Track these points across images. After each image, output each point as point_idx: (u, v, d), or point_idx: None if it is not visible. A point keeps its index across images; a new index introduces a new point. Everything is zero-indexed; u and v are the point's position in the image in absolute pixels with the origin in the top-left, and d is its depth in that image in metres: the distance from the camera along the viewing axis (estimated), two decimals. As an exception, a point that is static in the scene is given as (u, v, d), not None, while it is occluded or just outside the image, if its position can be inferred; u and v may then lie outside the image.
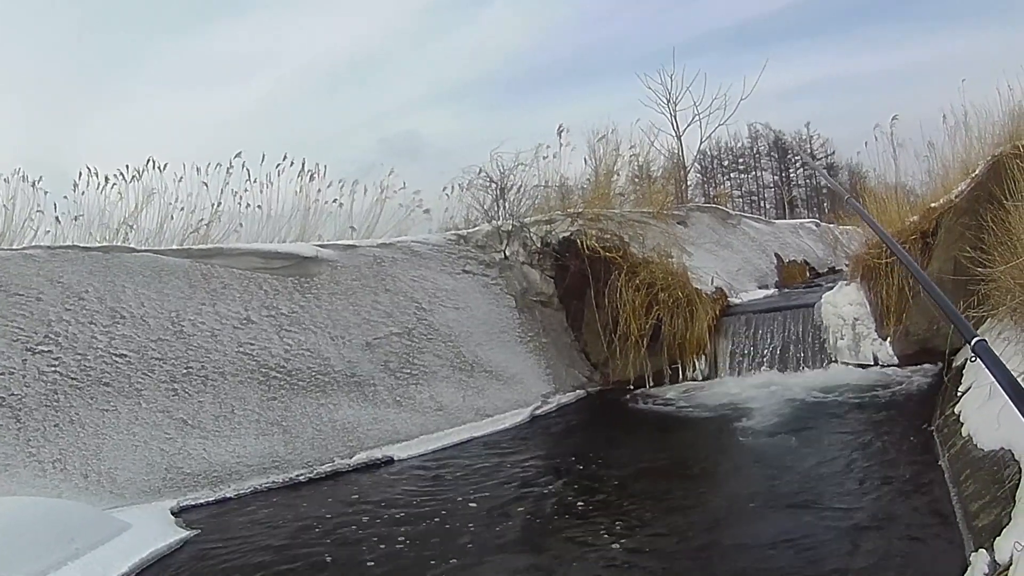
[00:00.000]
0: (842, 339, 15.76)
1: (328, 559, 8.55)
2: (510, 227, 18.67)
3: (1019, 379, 3.02)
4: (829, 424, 12.07)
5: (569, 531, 8.78)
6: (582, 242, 17.90)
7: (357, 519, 9.89)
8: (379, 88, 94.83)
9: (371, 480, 11.98)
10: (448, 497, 10.52)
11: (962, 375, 11.20)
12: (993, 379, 2.14)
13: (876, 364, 15.25)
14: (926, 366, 14.19)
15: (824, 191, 76.42)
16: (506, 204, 19.42)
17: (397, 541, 8.94)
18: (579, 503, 9.81)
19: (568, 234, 18.36)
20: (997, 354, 2.26)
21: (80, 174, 16.29)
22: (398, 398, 14.29)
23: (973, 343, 2.33)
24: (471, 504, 10.02)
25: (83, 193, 16.12)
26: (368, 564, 8.32)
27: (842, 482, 9.27)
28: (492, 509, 9.80)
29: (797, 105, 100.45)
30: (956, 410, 9.83)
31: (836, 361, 15.63)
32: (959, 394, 10.35)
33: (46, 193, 15.56)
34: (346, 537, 9.25)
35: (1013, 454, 7.05)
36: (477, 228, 19.29)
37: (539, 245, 18.62)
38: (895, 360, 15.12)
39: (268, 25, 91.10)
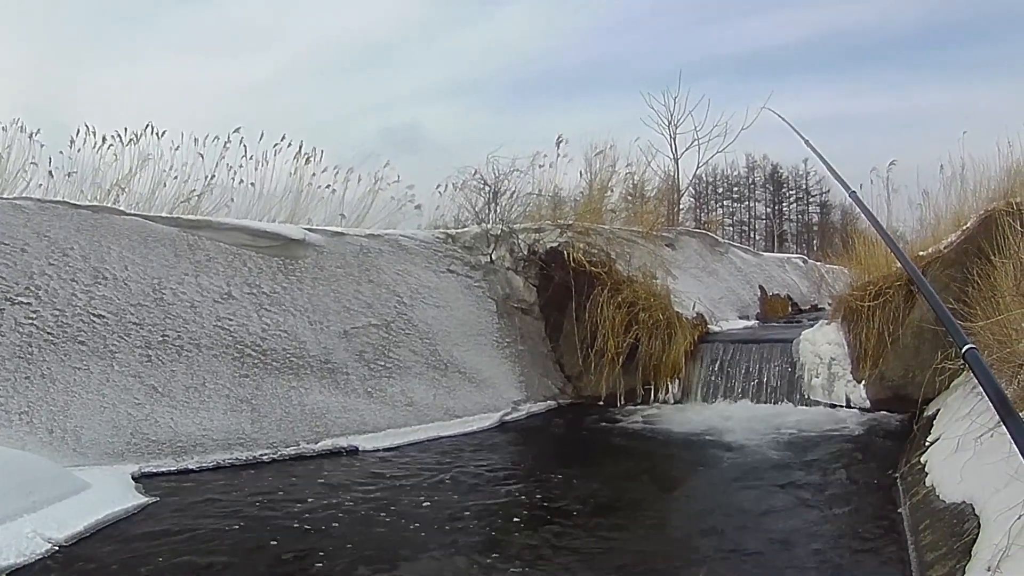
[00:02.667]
0: (817, 377, 15.78)
1: (275, 542, 8.57)
2: (499, 231, 18.74)
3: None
4: (794, 462, 12.03)
5: (518, 541, 8.77)
6: (569, 254, 17.97)
7: (313, 506, 9.92)
8: (385, 76, 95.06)
9: (333, 468, 12.00)
10: (405, 494, 10.54)
11: (932, 425, 11.24)
12: (981, 389, 2.18)
13: (848, 406, 15.27)
14: (897, 413, 14.17)
15: (815, 228, 76.71)
16: (497, 208, 19.61)
17: (346, 532, 8.97)
18: (534, 513, 9.85)
19: (556, 244, 18.43)
20: (986, 365, 2.29)
21: (78, 131, 16.31)
22: (369, 389, 14.33)
23: (964, 351, 2.35)
24: (425, 504, 10.00)
25: (79, 150, 16.14)
26: (312, 550, 8.33)
27: (799, 522, 9.20)
28: (445, 511, 9.78)
29: (796, 139, 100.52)
30: (922, 459, 9.84)
31: (809, 399, 15.65)
32: (927, 444, 10.37)
33: (42, 146, 15.56)
34: (298, 522, 9.26)
35: (974, 508, 7.07)
36: (466, 229, 19.36)
37: (526, 252, 18.68)
38: (867, 404, 15.15)
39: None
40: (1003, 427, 2.65)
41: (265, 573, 7.77)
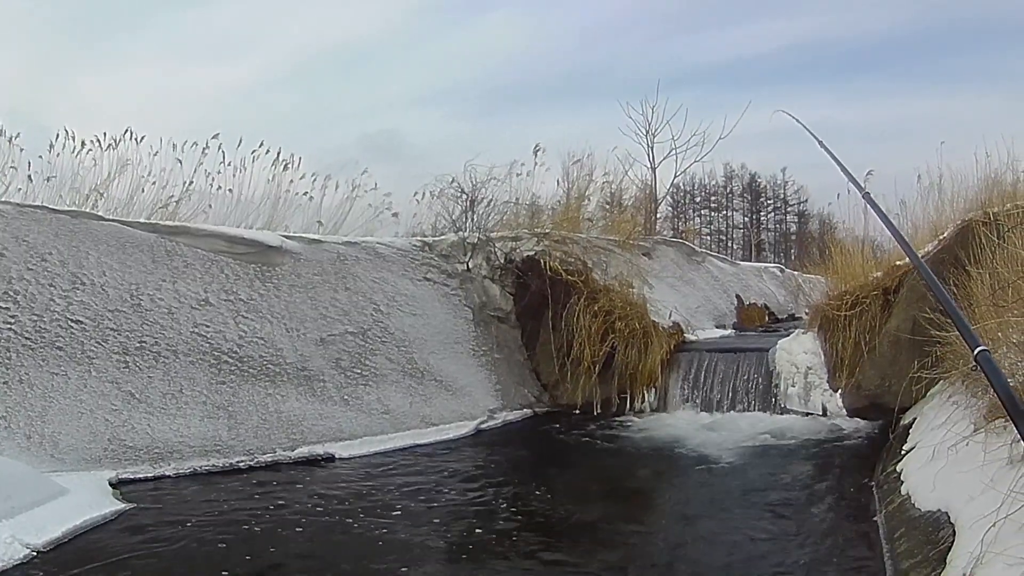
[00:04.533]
0: (793, 386, 15.84)
1: (250, 549, 8.61)
2: (476, 240, 18.76)
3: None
4: (771, 469, 12.10)
5: (489, 550, 8.83)
6: (545, 263, 18.03)
7: (288, 513, 9.98)
8: (364, 84, 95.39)
9: (309, 475, 12.06)
10: (380, 502, 10.59)
11: (908, 434, 11.30)
12: (992, 389, 2.18)
13: (824, 415, 15.36)
14: (874, 422, 14.25)
15: (792, 237, 76.86)
16: (475, 216, 19.53)
17: (320, 539, 9.04)
18: (509, 522, 9.90)
19: (532, 253, 18.50)
20: (996, 365, 2.31)
21: (57, 135, 16.40)
22: (346, 397, 14.37)
23: (976, 353, 2.37)
24: (397, 512, 10.04)
25: (58, 155, 16.22)
26: (286, 558, 8.40)
27: (773, 530, 9.27)
28: (418, 519, 9.84)
29: (775, 149, 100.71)
30: (898, 468, 9.89)
31: (785, 408, 15.71)
32: (903, 452, 10.42)
33: (22, 150, 15.62)
34: (273, 529, 9.32)
35: (949, 517, 7.12)
36: (443, 237, 19.35)
37: (502, 261, 18.71)
38: (843, 412, 15.24)
39: (267, 4, 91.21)
40: (979, 436, 2.72)
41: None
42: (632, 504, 10.98)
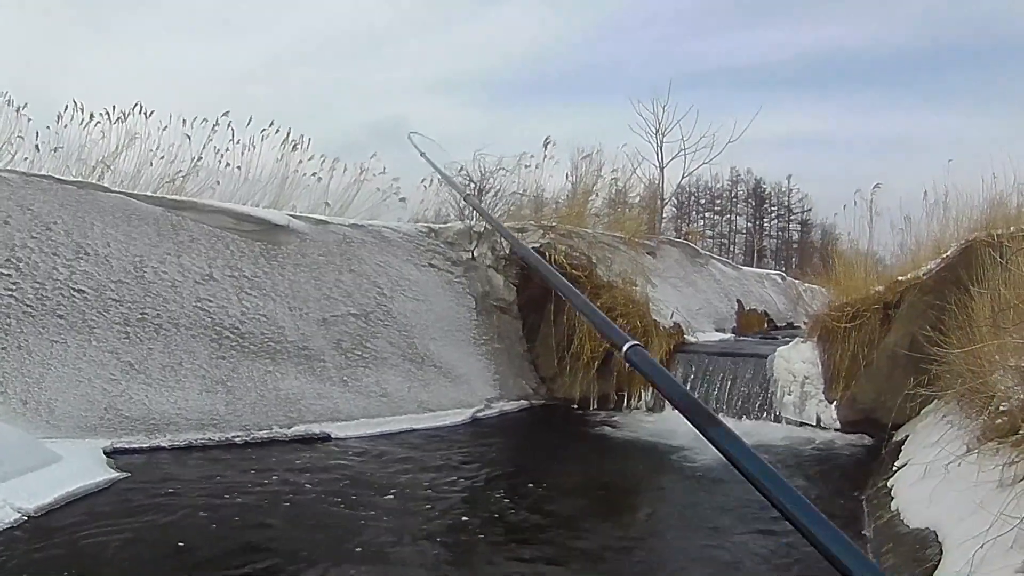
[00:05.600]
0: (789, 395, 15.74)
1: (240, 523, 8.65)
2: (482, 229, 18.72)
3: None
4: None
5: (478, 537, 8.82)
6: (550, 255, 17.86)
7: (280, 489, 10.01)
8: (376, 69, 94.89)
9: (304, 453, 12.07)
10: (372, 483, 10.59)
11: (900, 450, 11.26)
12: (648, 380, 2.11)
13: (818, 425, 15.26)
14: (866, 436, 14.15)
15: (794, 246, 76.74)
16: (482, 205, 19.27)
17: (309, 517, 9.05)
18: (498, 511, 9.85)
19: (538, 245, 18.28)
20: (647, 354, 2.24)
21: (66, 107, 16.36)
22: (345, 378, 14.39)
23: (624, 349, 2.29)
24: (389, 495, 10.05)
25: (66, 126, 16.20)
26: (274, 534, 8.43)
27: (759, 538, 9.13)
28: (409, 503, 9.86)
29: (782, 156, 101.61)
30: (889, 483, 9.85)
31: (780, 416, 15.64)
32: (894, 469, 10.37)
33: (29, 120, 15.62)
34: (263, 505, 9.35)
35: (937, 535, 7.11)
36: (449, 224, 19.43)
37: (507, 251, 18.65)
38: (837, 424, 15.13)
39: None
40: (971, 456, 2.67)
41: (228, 553, 7.82)
42: (620, 505, 10.93)
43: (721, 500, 10.46)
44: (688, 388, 12.95)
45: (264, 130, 18.26)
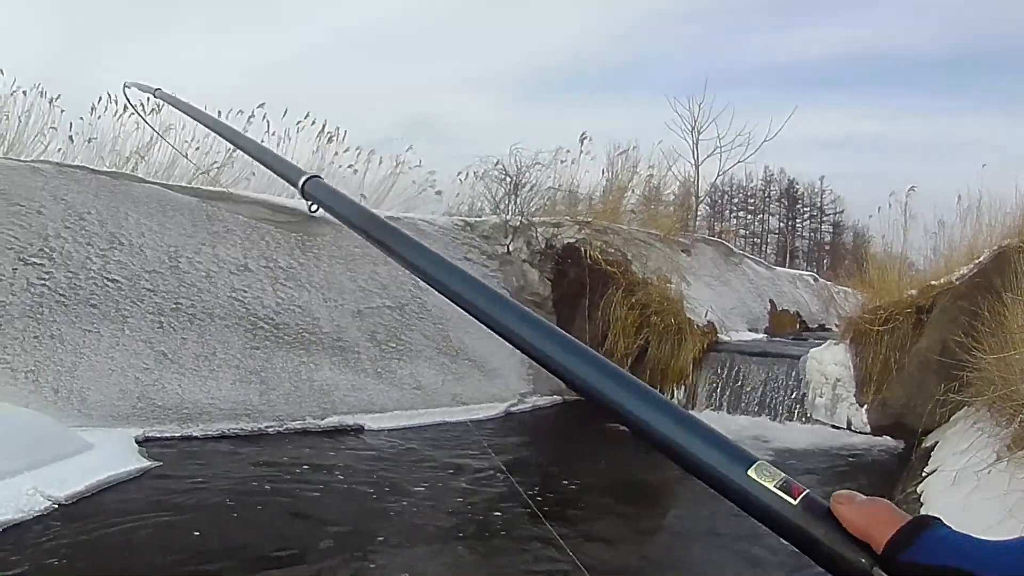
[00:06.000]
0: (821, 397, 15.52)
1: (271, 513, 8.67)
2: (518, 223, 18.68)
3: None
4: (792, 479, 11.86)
5: (507, 534, 8.72)
6: (586, 251, 17.89)
7: (312, 480, 9.98)
8: (413, 63, 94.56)
9: (337, 444, 12.04)
10: (404, 475, 10.57)
11: (930, 456, 11.13)
12: (332, 213, 1.89)
13: (849, 428, 15.07)
14: (897, 440, 14.01)
15: (826, 247, 76.39)
16: (517, 200, 19.41)
17: (340, 509, 9.04)
18: (523, 508, 9.57)
19: (573, 241, 18.39)
20: (329, 185, 2.04)
21: (100, 99, 16.45)
22: (379, 370, 14.35)
23: (301, 183, 2.04)
24: (418, 487, 10.03)
25: (99, 117, 16.35)
26: (304, 525, 8.41)
27: (785, 542, 9.07)
28: (439, 497, 9.84)
29: (816, 156, 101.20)
30: (919, 489, 9.74)
31: (811, 418, 15.46)
32: (923, 474, 10.26)
33: (62, 111, 15.73)
34: (294, 495, 9.34)
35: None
36: (485, 218, 19.36)
37: (543, 246, 18.65)
38: (867, 428, 14.94)
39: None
40: (1002, 464, 2.50)
41: (257, 542, 7.82)
42: (649, 504, 10.90)
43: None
44: (720, 388, 12.88)
45: (300, 122, 18.39)
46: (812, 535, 1.05)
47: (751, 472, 1.11)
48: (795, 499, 1.07)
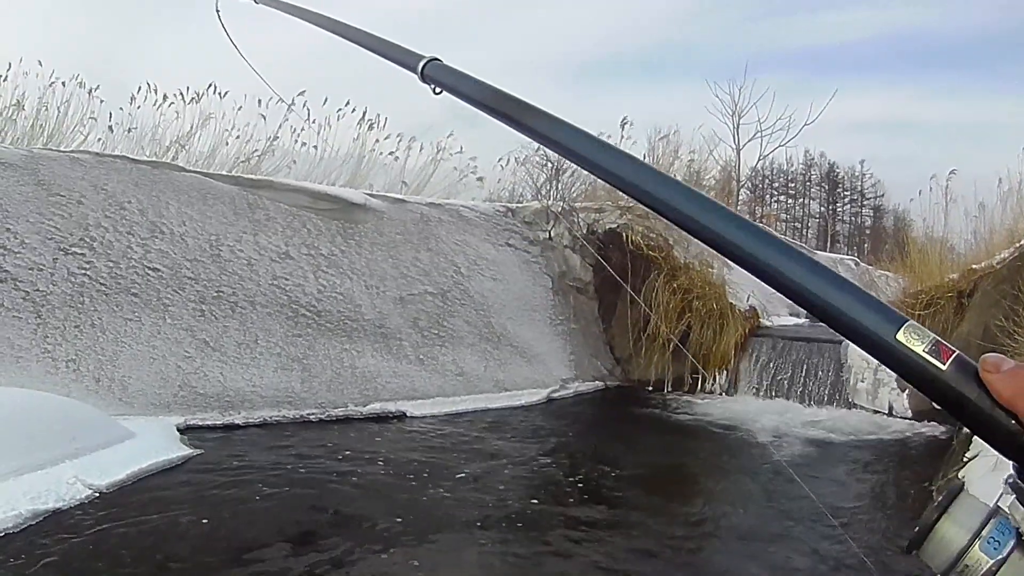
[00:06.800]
0: (862, 382, 15.37)
1: (314, 501, 8.67)
2: (559, 209, 18.64)
3: None
4: (833, 465, 11.87)
5: (546, 522, 8.70)
6: (627, 236, 17.82)
7: (354, 468, 9.95)
8: (451, 49, 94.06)
9: (380, 431, 12.07)
10: (446, 462, 10.55)
11: (971, 441, 11.00)
12: (455, 94, 1.80)
13: (891, 413, 14.93)
14: (938, 425, 13.85)
15: (867, 232, 75.98)
16: (559, 185, 19.54)
17: (382, 496, 9.01)
18: (568, 496, 9.73)
19: (615, 226, 18.30)
20: (450, 67, 1.98)
21: (139, 88, 16.47)
22: (422, 356, 14.38)
23: (421, 66, 1.98)
24: (460, 474, 10.02)
25: (139, 107, 16.34)
26: (347, 512, 8.41)
27: (825, 526, 8.94)
28: (481, 484, 9.79)
29: (856, 139, 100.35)
30: (960, 474, 9.60)
31: (853, 403, 15.32)
32: (965, 460, 10.10)
33: (101, 102, 15.75)
34: (336, 483, 9.34)
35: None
36: (527, 204, 19.31)
37: (584, 231, 18.53)
38: (909, 413, 14.77)
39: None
40: None
41: (298, 529, 7.82)
42: (691, 491, 10.84)
43: (793, 504, 9.98)
44: (762, 373, 12.77)
45: (340, 109, 18.37)
46: (961, 400, 1.01)
47: (900, 335, 1.05)
48: (944, 363, 1.02)
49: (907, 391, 14.88)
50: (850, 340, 1.10)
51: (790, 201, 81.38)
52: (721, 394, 16.69)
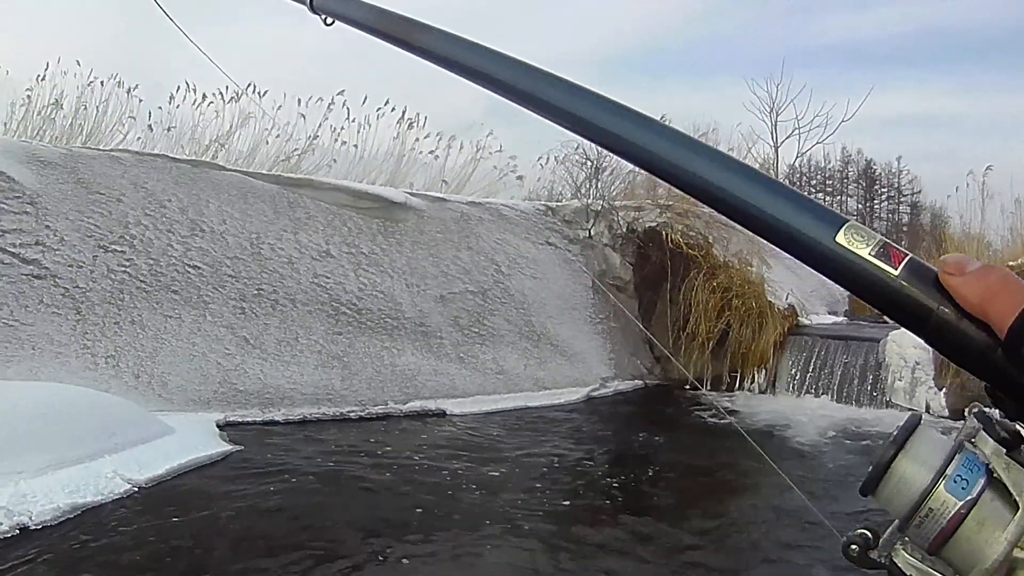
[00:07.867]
0: (900, 380, 15.23)
1: (353, 498, 8.74)
2: (599, 207, 18.57)
3: None
4: (868, 465, 11.73)
5: (583, 521, 8.72)
6: (667, 235, 17.79)
7: (394, 466, 9.99)
8: (490, 43, 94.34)
9: (419, 429, 12.12)
10: (485, 461, 10.57)
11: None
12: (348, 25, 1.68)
13: (927, 412, 14.67)
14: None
15: (904, 229, 75.72)
16: (598, 184, 19.42)
17: (420, 495, 8.96)
18: (605, 496, 9.73)
19: (655, 224, 18.27)
20: None
21: (178, 88, 16.53)
22: (462, 355, 14.40)
23: None
24: (497, 473, 10.01)
25: (178, 107, 16.43)
26: (386, 510, 8.43)
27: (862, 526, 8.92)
28: (520, 482, 9.76)
29: (892, 136, 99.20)
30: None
31: (890, 401, 15.17)
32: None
33: (140, 101, 15.86)
34: (375, 480, 9.37)
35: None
36: (567, 203, 19.27)
37: (624, 230, 18.53)
38: (946, 412, 14.64)
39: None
40: None
41: (336, 527, 7.84)
42: (728, 494, 10.63)
43: (830, 492, 10.28)
44: (801, 372, 12.69)
45: (379, 108, 18.31)
46: (920, 310, 0.87)
47: (840, 237, 0.95)
48: (896, 267, 0.88)
49: (944, 389, 14.81)
50: (784, 250, 1.00)
51: (828, 198, 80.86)
52: (760, 392, 16.65)
